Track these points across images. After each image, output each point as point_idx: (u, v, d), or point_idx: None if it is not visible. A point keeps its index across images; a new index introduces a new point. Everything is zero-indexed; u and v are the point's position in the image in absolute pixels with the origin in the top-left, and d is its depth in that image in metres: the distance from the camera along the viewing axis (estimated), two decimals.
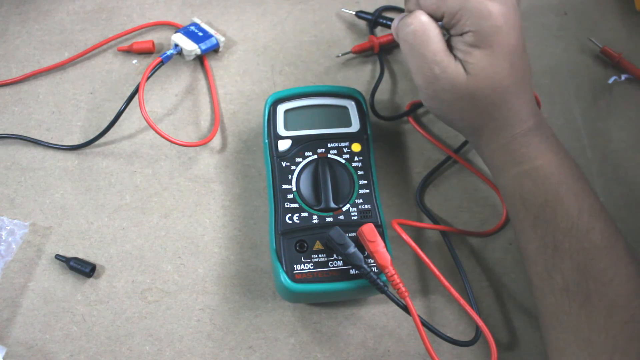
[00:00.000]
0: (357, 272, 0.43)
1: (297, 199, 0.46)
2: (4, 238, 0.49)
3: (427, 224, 0.51)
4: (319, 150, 0.48)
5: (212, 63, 0.58)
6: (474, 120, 0.43)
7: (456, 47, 0.41)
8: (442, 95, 0.42)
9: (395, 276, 0.42)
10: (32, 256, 0.50)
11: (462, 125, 0.45)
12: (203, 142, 0.53)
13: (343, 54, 0.59)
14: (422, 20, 0.41)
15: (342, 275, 0.44)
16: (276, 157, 0.48)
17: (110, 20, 0.60)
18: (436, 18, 0.42)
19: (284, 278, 0.43)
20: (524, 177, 0.42)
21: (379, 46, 0.58)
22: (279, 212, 0.46)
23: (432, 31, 0.41)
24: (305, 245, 0.44)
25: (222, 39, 0.58)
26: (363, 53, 0.59)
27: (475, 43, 0.40)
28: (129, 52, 0.58)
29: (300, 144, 0.48)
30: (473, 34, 0.40)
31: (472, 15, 0.40)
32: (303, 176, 0.47)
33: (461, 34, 0.41)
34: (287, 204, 0.46)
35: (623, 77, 0.59)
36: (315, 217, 0.45)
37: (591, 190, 0.42)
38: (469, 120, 0.44)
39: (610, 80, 0.59)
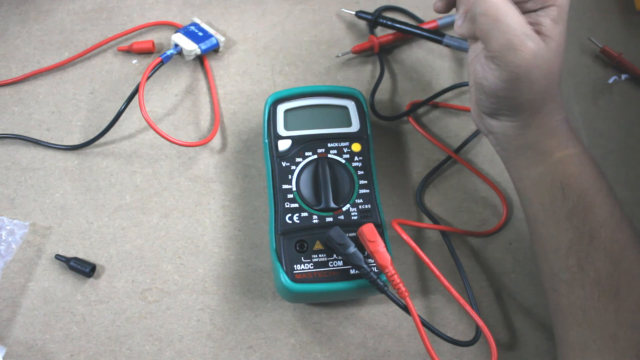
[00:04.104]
0: (357, 272, 0.43)
1: (297, 199, 0.46)
2: (4, 238, 0.49)
3: (427, 224, 0.51)
4: (319, 150, 0.48)
5: (212, 63, 0.58)
6: (541, 100, 0.42)
7: (538, 22, 0.40)
8: (531, 74, 0.40)
9: (395, 276, 0.42)
10: (32, 256, 0.50)
11: (527, 107, 0.42)
12: (203, 142, 0.53)
13: (343, 54, 0.59)
14: None
15: (342, 275, 0.44)
16: (276, 157, 0.48)
17: (110, 20, 0.60)
18: None
19: (284, 278, 0.43)
20: (568, 161, 0.42)
21: (379, 46, 0.58)
22: (279, 212, 0.46)
23: (511, 5, 0.40)
24: (305, 245, 0.44)
25: (222, 39, 0.58)
26: (363, 53, 0.59)
27: (557, 18, 0.40)
28: (129, 52, 0.58)
29: (300, 144, 0.48)
30: (557, 8, 0.40)
31: None
32: (303, 176, 0.47)
33: (543, 8, 0.40)
34: (287, 204, 0.46)
35: (623, 77, 0.59)
36: (315, 217, 0.45)
37: None
38: (537, 101, 0.42)
39: (610, 80, 0.59)
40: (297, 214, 0.46)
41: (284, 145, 0.48)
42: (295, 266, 0.44)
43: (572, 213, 0.41)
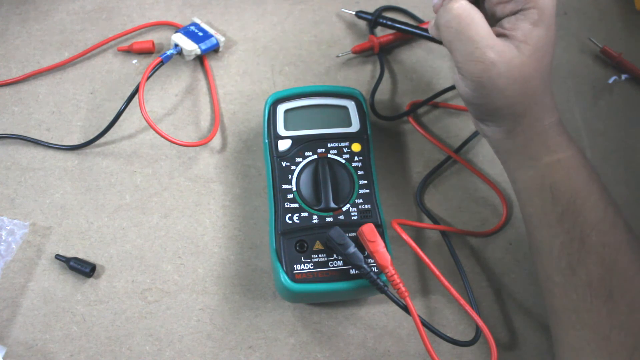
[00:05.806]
0: (357, 272, 0.43)
1: (297, 199, 0.46)
2: (4, 238, 0.49)
3: (427, 224, 0.51)
4: (319, 150, 0.48)
5: (212, 63, 0.58)
6: (519, 105, 0.41)
7: (515, 27, 0.40)
8: (497, 82, 0.40)
9: (395, 276, 0.42)
10: (32, 256, 0.50)
11: (506, 113, 0.42)
12: (203, 142, 0.53)
13: (343, 54, 0.59)
14: (463, 3, 0.40)
15: (342, 275, 0.44)
16: (276, 157, 0.48)
17: (110, 20, 0.60)
18: None
19: (284, 278, 0.43)
20: (556, 166, 0.42)
21: (379, 46, 0.58)
22: (279, 212, 0.46)
23: (476, 14, 0.40)
24: (305, 245, 0.44)
25: (222, 39, 0.58)
26: (363, 53, 0.59)
27: (537, 22, 0.40)
28: (129, 52, 0.58)
29: (300, 144, 0.48)
30: (537, 11, 0.39)
31: None
32: (303, 176, 0.47)
33: (521, 11, 0.40)
34: (287, 204, 0.46)
35: (623, 77, 0.59)
36: (315, 217, 0.45)
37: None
38: (515, 106, 0.41)
39: (610, 80, 0.59)
40: (297, 214, 0.46)
41: (284, 145, 0.48)
42: (295, 266, 0.44)
43: (563, 217, 0.41)
